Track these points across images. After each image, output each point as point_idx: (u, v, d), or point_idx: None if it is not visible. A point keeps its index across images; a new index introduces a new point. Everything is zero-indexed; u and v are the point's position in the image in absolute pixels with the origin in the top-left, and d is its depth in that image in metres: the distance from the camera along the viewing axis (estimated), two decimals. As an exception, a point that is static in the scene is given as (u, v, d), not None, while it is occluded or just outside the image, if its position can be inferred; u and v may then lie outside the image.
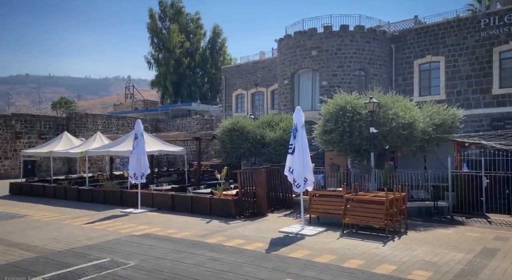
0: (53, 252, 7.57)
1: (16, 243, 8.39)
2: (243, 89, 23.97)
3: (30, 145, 29.01)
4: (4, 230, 9.78)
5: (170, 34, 42.51)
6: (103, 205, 13.68)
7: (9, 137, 27.69)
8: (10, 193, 17.42)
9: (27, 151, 18.71)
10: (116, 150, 14.52)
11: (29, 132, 29.03)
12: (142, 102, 49.53)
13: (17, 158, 28.14)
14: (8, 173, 27.48)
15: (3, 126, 27.40)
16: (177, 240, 8.52)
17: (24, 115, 29.62)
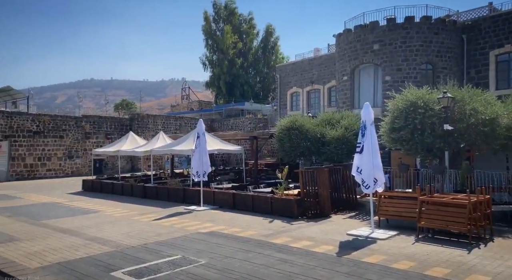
0: (128, 247, 7.89)
1: (93, 237, 8.89)
2: (299, 87, 23.61)
3: (98, 145, 31.15)
4: (82, 224, 10.45)
5: (224, 35, 43.31)
6: (167, 202, 14.17)
7: (80, 137, 29.95)
8: (83, 189, 18.75)
9: (97, 150, 20.03)
10: (178, 149, 14.97)
11: (97, 132, 31.18)
12: (197, 103, 51.09)
13: (87, 156, 30.36)
14: (79, 171, 29.73)
15: (74, 127, 29.69)
16: (242, 239, 8.48)
17: (93, 116, 31.88)
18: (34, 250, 7.77)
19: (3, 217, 11.82)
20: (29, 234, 9.29)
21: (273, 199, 11.16)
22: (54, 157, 28.19)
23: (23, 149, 26.34)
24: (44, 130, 27.63)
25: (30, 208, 13.47)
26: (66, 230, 9.73)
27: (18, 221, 11.14)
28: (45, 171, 27.58)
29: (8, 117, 25.80)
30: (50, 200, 15.51)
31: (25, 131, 26.53)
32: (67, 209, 13.37)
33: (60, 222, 10.84)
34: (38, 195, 17.35)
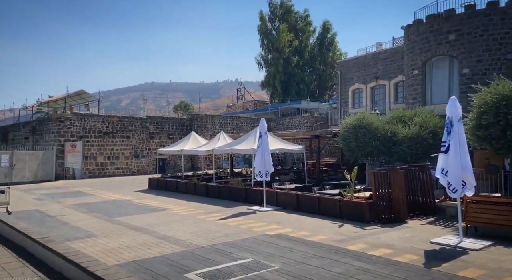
0: (198, 247, 7.82)
1: (164, 235, 9.00)
2: (361, 83, 22.46)
3: (161, 144, 32.50)
4: (152, 222, 10.70)
5: (279, 34, 42.98)
6: (229, 201, 14.14)
7: (144, 137, 31.46)
8: (149, 187, 19.52)
9: (162, 149, 20.75)
10: (239, 148, 14.88)
11: (160, 132, 32.54)
12: (252, 103, 51.40)
13: (151, 156, 31.81)
14: (144, 169, 31.24)
15: (140, 127, 31.25)
16: (313, 243, 8.02)
17: (156, 117, 33.36)
18: (110, 247, 8.01)
19: (81, 213, 12.56)
20: (104, 231, 9.68)
21: (341, 201, 10.53)
22: (121, 156, 29.91)
23: (94, 149, 28.27)
24: (113, 131, 29.42)
25: (103, 205, 14.22)
26: (138, 227, 10.00)
27: (94, 217, 11.74)
28: (114, 170, 29.36)
29: (81, 119, 27.85)
30: (120, 198, 16.29)
31: (96, 131, 28.45)
32: (136, 206, 13.89)
33: (131, 219, 11.22)
34: (108, 192, 18.37)
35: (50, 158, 25.81)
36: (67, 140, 26.88)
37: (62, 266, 5.46)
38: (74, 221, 11.06)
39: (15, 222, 8.48)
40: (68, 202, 14.98)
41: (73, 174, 26.82)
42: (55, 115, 27.69)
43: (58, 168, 26.30)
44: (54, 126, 27.00)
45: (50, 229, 9.94)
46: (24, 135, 30.54)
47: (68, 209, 13.49)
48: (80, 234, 9.37)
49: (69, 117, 27.33)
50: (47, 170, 25.58)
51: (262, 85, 48.01)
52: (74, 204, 14.44)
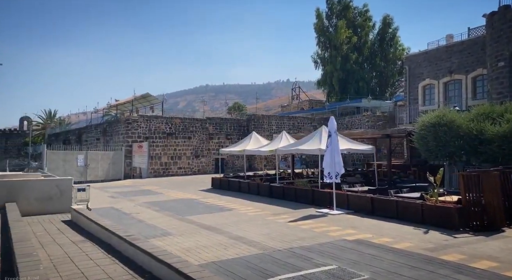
0: (274, 250, 7.54)
1: (237, 236, 8.87)
2: (433, 79, 20.78)
3: (219, 145, 33.09)
4: (222, 222, 10.67)
5: (337, 31, 41.73)
6: (294, 203, 13.77)
7: (204, 138, 32.24)
8: (212, 187, 19.81)
9: (224, 149, 20.98)
10: (304, 148, 14.45)
11: (219, 133, 33.16)
12: (308, 102, 50.56)
13: (211, 156, 32.53)
14: (204, 169, 32.02)
15: (200, 128, 32.08)
16: (400, 251, 7.36)
17: (215, 118, 34.05)
18: (187, 246, 8.04)
19: (153, 211, 12.98)
20: (179, 229, 9.82)
21: (424, 206, 9.66)
22: (183, 156, 30.92)
23: (159, 149, 29.52)
24: (175, 132, 30.52)
25: (172, 204, 14.60)
26: (210, 227, 10.01)
27: (166, 215, 12.04)
28: (176, 169, 30.43)
29: (147, 121, 29.24)
30: (187, 197, 16.67)
31: (161, 132, 29.70)
32: (204, 206, 14.06)
33: (202, 218, 11.30)
34: (174, 191, 18.94)
35: (119, 158, 27.41)
36: (134, 141, 28.37)
37: (152, 265, 5.47)
38: (149, 219, 11.41)
39: (100, 219, 8.89)
40: (140, 200, 15.63)
41: (140, 173, 28.23)
42: (123, 118, 29.40)
43: (127, 168, 27.84)
44: (122, 128, 28.65)
45: (128, 226, 10.30)
46: (96, 136, 32.85)
47: (141, 207, 14.04)
48: (157, 232, 9.58)
49: (136, 119, 28.83)
50: (117, 170, 27.20)
51: (318, 83, 46.99)
52: (145, 202, 15.02)
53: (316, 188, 13.75)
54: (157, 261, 5.29)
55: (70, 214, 11.31)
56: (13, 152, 53.38)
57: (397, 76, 44.10)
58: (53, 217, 11.24)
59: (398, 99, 33.83)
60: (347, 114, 37.52)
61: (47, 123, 49.88)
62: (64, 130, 40.98)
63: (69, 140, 37.13)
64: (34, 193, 12.10)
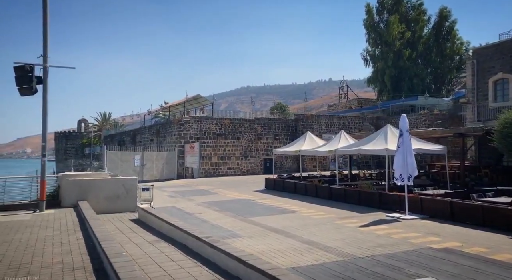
0: (355, 258, 7.03)
1: (309, 241, 8.45)
2: (507, 73, 18.94)
3: (268, 145, 32.88)
4: (287, 225, 10.31)
5: (389, 26, 39.93)
6: (358, 206, 13.09)
7: (253, 138, 32.17)
8: (265, 188, 19.56)
9: (278, 150, 20.67)
10: (369, 148, 13.71)
11: (267, 133, 32.94)
12: (356, 101, 48.94)
13: (259, 156, 32.39)
14: (253, 170, 31.94)
15: (248, 129, 32.05)
16: (503, 264, 6.54)
17: (263, 119, 33.89)
18: (260, 249, 7.75)
19: (214, 211, 12.93)
20: (245, 231, 9.59)
21: (519, 213, 8.64)
22: (233, 156, 31.06)
23: (209, 150, 29.88)
24: (225, 132, 30.74)
25: (230, 204, 14.50)
26: (277, 229, 9.69)
27: (228, 216, 11.91)
28: (226, 169, 30.63)
29: (198, 122, 29.71)
30: (243, 197, 16.53)
31: (211, 133, 30.05)
32: (262, 207, 13.80)
33: (265, 220, 11.03)
34: (229, 191, 18.92)
35: (172, 158, 28.08)
36: (186, 141, 28.94)
37: (239, 270, 5.21)
38: (213, 219, 11.34)
39: (172, 219, 8.89)
40: (198, 200, 15.72)
41: (192, 173, 28.73)
42: (176, 119, 30.11)
43: (179, 168, 28.46)
44: (175, 129, 29.34)
45: (194, 227, 10.26)
46: (150, 137, 33.99)
47: (201, 206, 14.07)
48: (224, 233, 9.42)
49: (188, 120, 29.40)
50: (170, 169, 27.88)
51: (369, 81, 45.29)
52: (204, 202, 15.07)
53: (382, 191, 12.97)
54: (246, 266, 5.02)
55: (137, 213, 11.57)
56: (72, 153, 57.03)
57: (455, 72, 41.35)
58: (120, 215, 11.53)
59: (459, 96, 31.58)
60: (401, 113, 35.72)
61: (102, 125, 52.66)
62: (119, 132, 42.93)
63: (123, 141, 38.80)
64: (103, 192, 12.51)
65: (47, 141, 11.71)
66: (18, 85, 10.71)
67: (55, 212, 10.87)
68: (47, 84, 11.12)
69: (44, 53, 11.04)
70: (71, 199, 12.05)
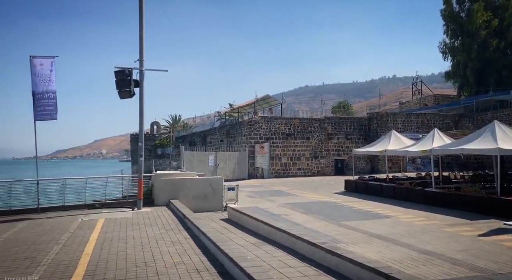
0: (494, 274, 6.05)
1: (424, 250, 7.56)
2: None
3: (339, 145, 31.69)
4: (390, 231, 9.45)
5: (472, 15, 36.35)
6: (461, 212, 11.69)
7: (323, 138, 31.23)
8: (345, 190, 18.63)
9: (359, 150, 19.66)
10: (474, 147, 12.23)
11: (338, 133, 31.76)
12: (432, 97, 45.45)
13: (330, 157, 31.35)
14: (323, 171, 30.99)
15: (318, 128, 31.18)
16: None
17: (334, 118, 32.77)
18: (373, 258, 7.07)
19: (300, 213, 12.44)
20: (346, 237, 8.94)
21: None
22: (302, 157, 30.42)
23: (279, 150, 29.58)
24: (294, 132, 30.22)
25: (314, 206, 13.91)
26: (380, 236, 8.90)
27: (318, 219, 11.34)
28: (296, 170, 30.08)
29: (268, 122, 29.57)
30: (325, 199, 15.85)
31: (280, 133, 29.73)
32: (351, 210, 13.02)
33: (361, 225, 10.27)
34: (306, 192, 18.34)
35: (243, 158, 28.25)
36: (256, 142, 28.94)
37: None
38: (303, 222, 10.85)
39: (272, 221, 8.58)
40: (279, 201, 15.37)
41: (262, 173, 28.65)
42: (246, 120, 30.31)
43: (250, 168, 28.54)
44: (245, 129, 29.51)
45: (299, 230, 9.87)
46: (220, 138, 34.69)
47: (284, 208, 13.68)
48: (323, 238, 8.86)
49: (257, 120, 29.41)
50: (242, 169, 28.07)
51: (447, 76, 41.76)
52: (285, 203, 14.67)
53: (494, 195, 11.46)
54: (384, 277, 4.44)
55: (227, 213, 11.52)
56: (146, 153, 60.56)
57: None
58: (209, 214, 11.56)
59: None
60: (488, 109, 32.25)
61: (173, 127, 55.24)
62: (190, 133, 44.58)
63: (194, 142, 40.15)
64: (191, 191, 12.69)
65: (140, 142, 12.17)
66: (118, 88, 11.21)
67: (151, 210, 11.20)
68: (143, 87, 11.52)
69: (140, 58, 11.46)
70: (163, 197, 12.39)
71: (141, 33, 11.50)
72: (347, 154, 31.17)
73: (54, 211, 10.60)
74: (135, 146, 62.02)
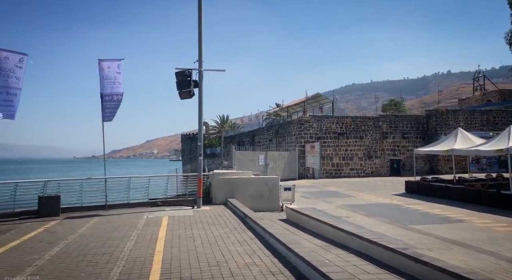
0: None
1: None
2: None
3: (394, 145, 30.19)
4: (464, 236, 8.62)
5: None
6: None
7: (377, 137, 29.93)
8: (406, 191, 17.59)
9: (421, 149, 18.49)
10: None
11: (393, 132, 30.26)
12: (497, 93, 41.88)
13: (385, 157, 29.97)
14: (378, 171, 29.70)
15: (372, 127, 29.92)
16: None
17: (389, 116, 31.31)
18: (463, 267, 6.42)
19: (362, 216, 11.85)
20: (418, 242, 8.28)
21: None
22: (355, 157, 29.37)
23: (330, 150, 28.81)
24: (346, 131, 29.27)
25: (375, 208, 13.22)
26: (456, 242, 8.15)
27: (382, 222, 10.72)
28: (348, 170, 29.11)
29: (318, 121, 28.92)
30: (384, 201, 15.07)
31: (331, 132, 28.94)
32: (417, 213, 12.20)
33: (432, 229, 9.51)
34: (362, 193, 17.58)
35: (293, 158, 27.86)
36: (306, 141, 28.42)
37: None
38: (367, 225, 10.29)
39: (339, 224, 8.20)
40: (336, 202, 14.84)
41: (313, 173, 28.06)
42: (296, 119, 29.91)
43: (300, 168, 28.09)
44: (295, 129, 29.10)
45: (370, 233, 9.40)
46: (268, 137, 34.58)
47: (343, 210, 13.15)
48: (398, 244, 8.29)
49: (308, 119, 28.87)
50: (292, 169, 27.69)
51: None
52: (343, 205, 14.11)
53: None
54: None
55: (285, 213, 11.27)
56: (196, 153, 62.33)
57: None
58: (266, 215, 11.35)
59: None
60: None
61: (221, 127, 56.20)
62: (238, 133, 45.02)
63: (242, 142, 40.43)
64: (248, 190, 12.60)
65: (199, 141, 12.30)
66: (179, 89, 11.40)
67: (210, 209, 11.26)
68: (202, 87, 11.62)
69: (199, 59, 11.57)
70: (221, 196, 12.44)
71: (200, 35, 11.62)
72: (403, 154, 29.64)
73: (120, 208, 11.02)
74: (186, 146, 63.99)
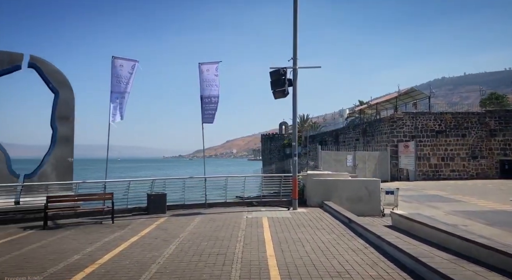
0: None
1: None
2: None
3: (505, 143, 26.38)
4: None
5: None
6: None
7: (483, 135, 26.45)
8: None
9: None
10: None
11: (504, 129, 26.45)
12: None
13: (493, 157, 26.34)
14: (484, 173, 26.24)
15: (477, 124, 26.54)
16: None
17: (498, 111, 27.46)
18: None
19: (483, 225, 10.28)
20: None
21: None
22: (457, 157, 26.34)
23: (427, 149, 26.26)
24: (446, 129, 26.39)
25: (496, 216, 11.44)
26: None
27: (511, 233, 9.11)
28: (449, 172, 26.21)
29: (413, 118, 26.56)
30: (505, 208, 13.03)
31: (428, 130, 26.36)
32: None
33: None
34: (473, 198, 15.52)
35: (385, 158, 26.01)
36: (399, 140, 26.31)
37: None
38: (495, 236, 8.81)
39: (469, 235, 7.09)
40: (444, 208, 13.23)
41: (407, 175, 25.87)
42: (387, 116, 27.92)
43: (393, 169, 26.10)
44: (386, 127, 27.14)
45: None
46: (355, 136, 32.94)
47: (454, 216, 11.60)
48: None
49: (400, 117, 26.72)
50: (383, 170, 25.87)
51: None
52: (454, 211, 12.48)
53: None
54: None
55: (391, 219, 10.29)
56: (275, 153, 62.64)
57: None
58: (367, 219, 10.51)
59: None
60: None
61: (302, 126, 55.56)
62: (320, 132, 43.93)
63: (325, 141, 39.26)
64: (345, 192, 11.86)
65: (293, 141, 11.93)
66: (273, 88, 11.18)
67: (306, 211, 10.81)
68: (297, 86, 11.23)
69: (294, 56, 11.21)
70: (316, 198, 11.92)
71: (295, 32, 11.27)
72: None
73: (218, 206, 11.18)
74: (265, 146, 64.70)
